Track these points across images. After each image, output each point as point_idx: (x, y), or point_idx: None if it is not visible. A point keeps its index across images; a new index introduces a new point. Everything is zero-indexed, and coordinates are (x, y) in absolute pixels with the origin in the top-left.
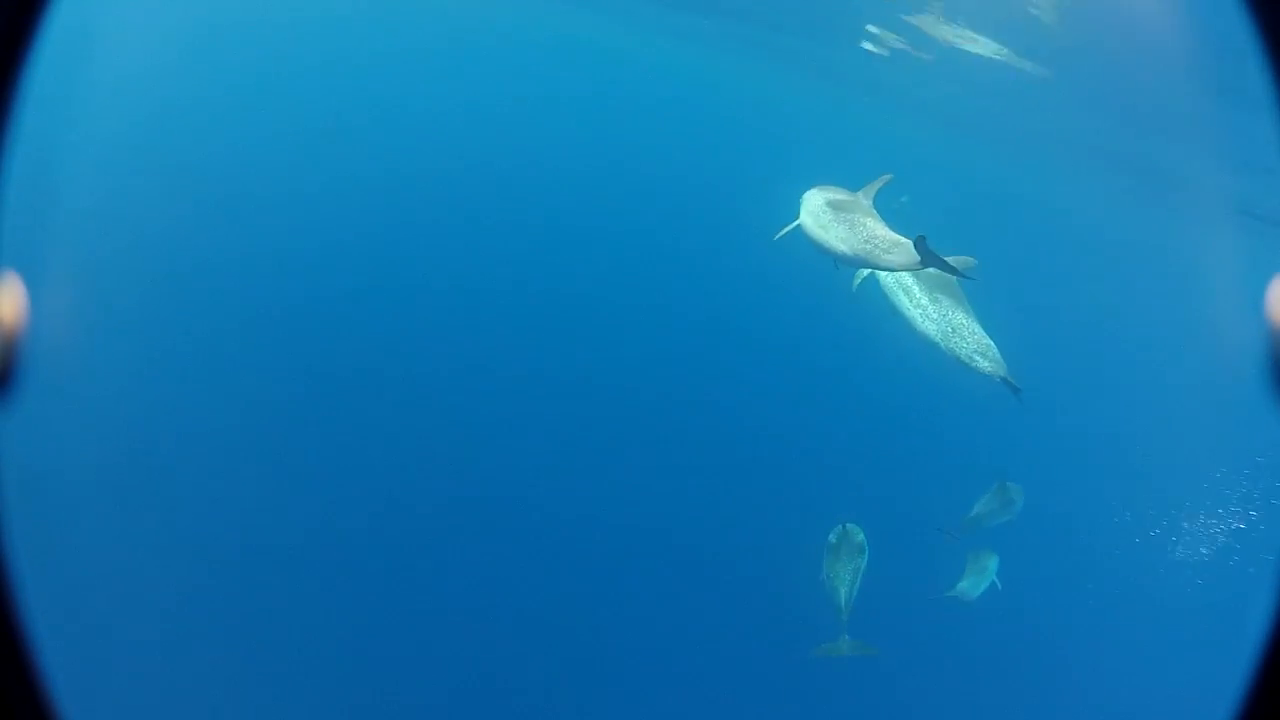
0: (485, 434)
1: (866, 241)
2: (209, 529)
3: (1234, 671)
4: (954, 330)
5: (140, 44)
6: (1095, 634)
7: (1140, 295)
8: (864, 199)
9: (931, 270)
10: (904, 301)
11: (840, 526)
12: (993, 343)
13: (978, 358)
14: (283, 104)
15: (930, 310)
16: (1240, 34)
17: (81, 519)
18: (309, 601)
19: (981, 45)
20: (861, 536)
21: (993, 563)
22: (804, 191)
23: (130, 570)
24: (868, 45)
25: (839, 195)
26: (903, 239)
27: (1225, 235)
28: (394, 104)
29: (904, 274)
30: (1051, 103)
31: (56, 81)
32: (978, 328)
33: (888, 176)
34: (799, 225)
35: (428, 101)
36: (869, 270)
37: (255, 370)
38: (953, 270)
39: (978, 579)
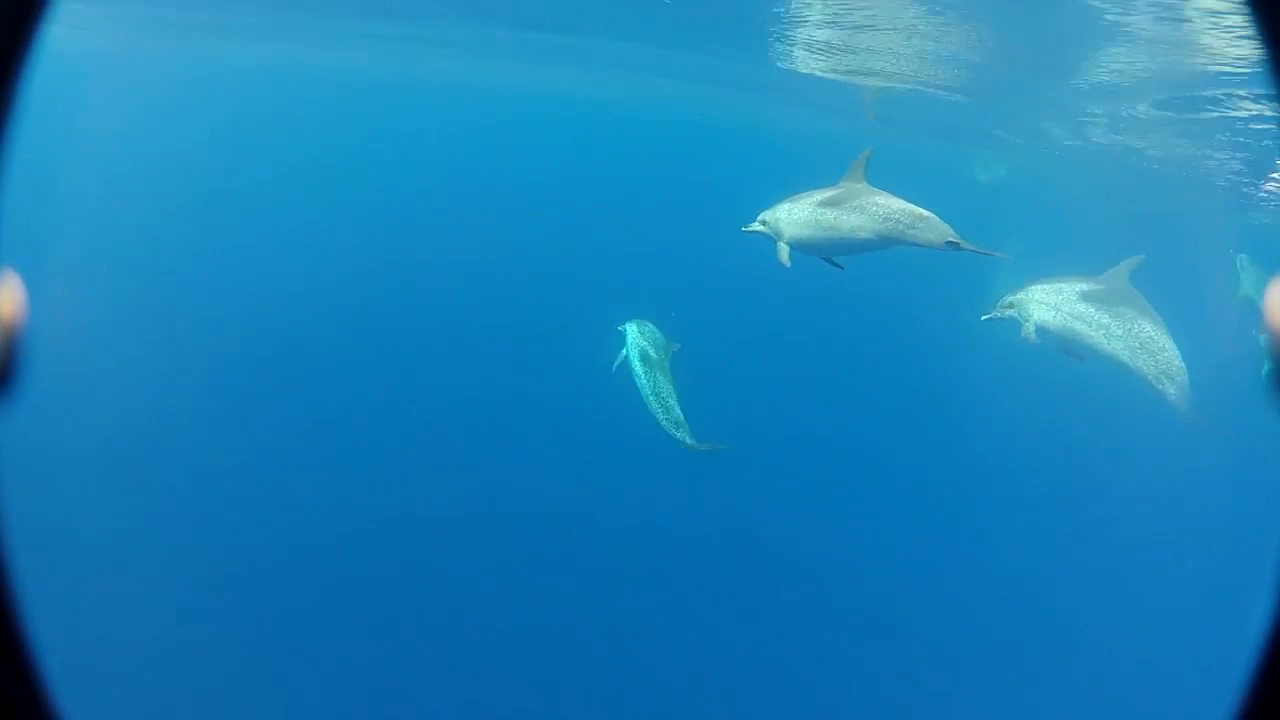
0: (482, 437)
1: (886, 219)
2: (209, 529)
3: (1234, 671)
4: (1141, 346)
5: (141, 44)
6: (1093, 633)
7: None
8: (855, 182)
9: (1106, 288)
10: (1083, 328)
11: (648, 326)
12: (1184, 367)
13: (1165, 381)
14: (284, 103)
15: (1114, 328)
16: None
17: (81, 519)
18: (310, 601)
19: None
20: (659, 341)
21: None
22: (765, 212)
23: (130, 570)
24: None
25: (824, 192)
26: (926, 213)
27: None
28: (390, 119)
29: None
30: None
31: (57, 81)
32: (1169, 343)
33: (868, 152)
34: (789, 243)
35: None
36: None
37: (255, 370)
38: (984, 252)
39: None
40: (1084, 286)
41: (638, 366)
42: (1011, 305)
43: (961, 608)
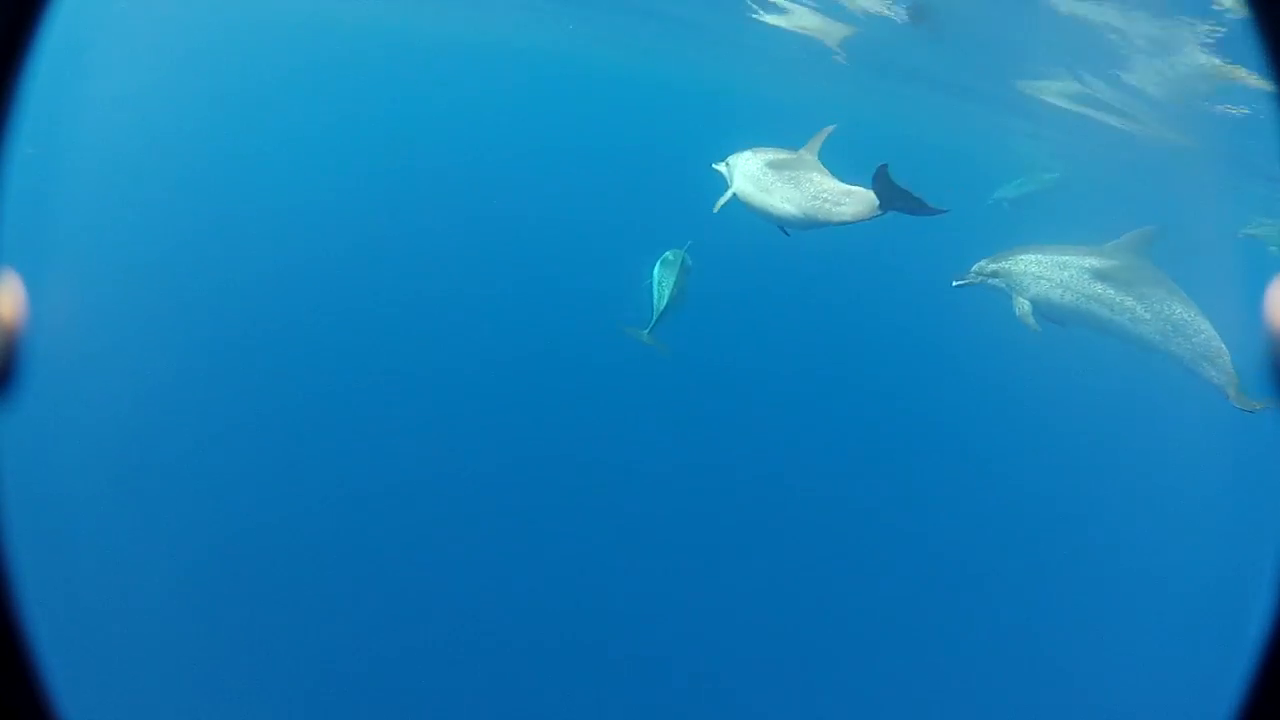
0: (485, 435)
1: (814, 198)
2: (210, 528)
3: (1234, 671)
4: (1174, 329)
5: (141, 43)
6: (1091, 633)
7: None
8: (808, 154)
9: (1122, 263)
10: (1102, 310)
11: (678, 250)
12: (1224, 346)
13: (1204, 364)
14: (283, 102)
15: (1140, 310)
16: None
17: (81, 519)
18: (311, 601)
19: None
20: (690, 261)
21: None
22: (733, 154)
23: (130, 570)
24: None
25: (779, 154)
26: (855, 187)
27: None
28: (388, 106)
29: (1095, 278)
30: None
31: (57, 81)
32: (1204, 324)
33: (831, 128)
34: (735, 193)
35: (419, 106)
36: (818, 225)
37: (255, 369)
38: (922, 206)
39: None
40: (1094, 262)
41: (656, 267)
42: (995, 274)
43: (949, 604)
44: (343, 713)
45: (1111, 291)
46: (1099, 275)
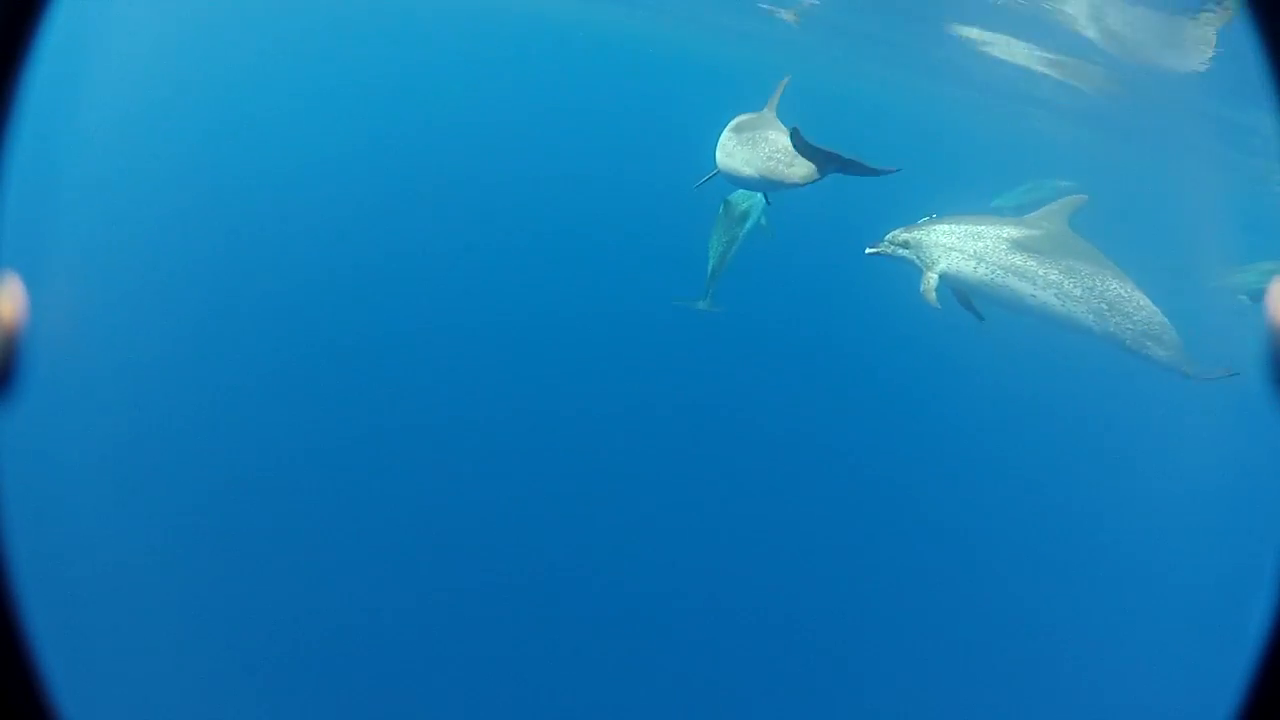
0: (489, 434)
1: (769, 158)
2: (211, 528)
3: (1234, 671)
4: (1110, 307)
5: (141, 42)
6: (1090, 632)
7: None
8: (768, 112)
9: (1044, 233)
10: (1023, 285)
11: (724, 200)
12: (1167, 321)
13: (1149, 343)
14: (284, 101)
15: (1068, 286)
16: None
17: (81, 519)
18: (312, 601)
19: None
20: (745, 206)
21: None
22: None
23: (131, 570)
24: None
25: (744, 117)
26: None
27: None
28: (390, 100)
29: (1018, 251)
30: None
31: (56, 81)
32: (1143, 299)
33: (786, 79)
34: (717, 168)
35: (426, 98)
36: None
37: (257, 369)
38: (861, 167)
39: None
40: (1012, 231)
41: (720, 210)
42: (906, 244)
43: (948, 601)
44: (348, 711)
45: (1033, 264)
46: (1018, 245)
